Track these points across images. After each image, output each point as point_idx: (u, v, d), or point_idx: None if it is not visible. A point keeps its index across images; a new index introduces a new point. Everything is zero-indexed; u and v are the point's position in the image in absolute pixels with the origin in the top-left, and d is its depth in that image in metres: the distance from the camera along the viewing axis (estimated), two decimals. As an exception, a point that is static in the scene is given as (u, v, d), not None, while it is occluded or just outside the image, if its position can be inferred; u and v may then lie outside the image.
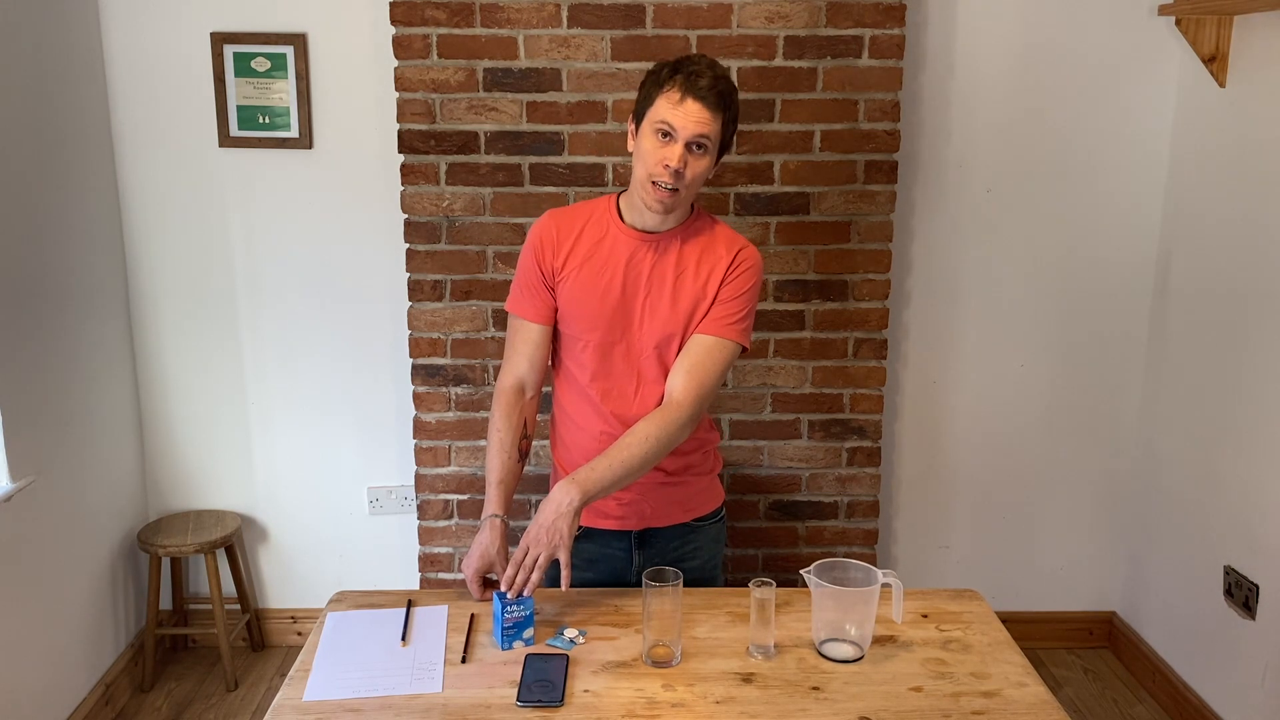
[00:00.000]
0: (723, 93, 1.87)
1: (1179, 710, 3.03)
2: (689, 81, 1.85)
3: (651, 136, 1.88)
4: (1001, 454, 3.31)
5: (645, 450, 1.90)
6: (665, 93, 1.87)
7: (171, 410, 3.24)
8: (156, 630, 3.15)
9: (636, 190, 1.94)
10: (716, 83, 1.86)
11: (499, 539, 1.95)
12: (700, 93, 1.85)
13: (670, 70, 1.88)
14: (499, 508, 1.99)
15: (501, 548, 1.95)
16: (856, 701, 1.69)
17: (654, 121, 1.88)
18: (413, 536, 3.19)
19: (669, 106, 1.86)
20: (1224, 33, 2.80)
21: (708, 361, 1.96)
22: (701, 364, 1.96)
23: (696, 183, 1.91)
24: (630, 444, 1.91)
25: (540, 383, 2.10)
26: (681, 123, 1.85)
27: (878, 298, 2.99)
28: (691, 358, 1.97)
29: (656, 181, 1.89)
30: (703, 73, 1.86)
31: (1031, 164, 3.11)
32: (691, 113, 1.85)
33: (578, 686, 1.72)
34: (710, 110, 1.86)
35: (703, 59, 1.90)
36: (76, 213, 2.89)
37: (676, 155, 1.86)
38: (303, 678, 1.75)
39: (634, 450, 1.90)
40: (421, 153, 2.88)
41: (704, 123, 1.86)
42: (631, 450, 1.90)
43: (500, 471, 2.01)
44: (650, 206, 1.93)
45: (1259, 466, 2.69)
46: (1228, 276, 2.83)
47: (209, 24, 2.99)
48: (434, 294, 2.96)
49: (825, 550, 3.09)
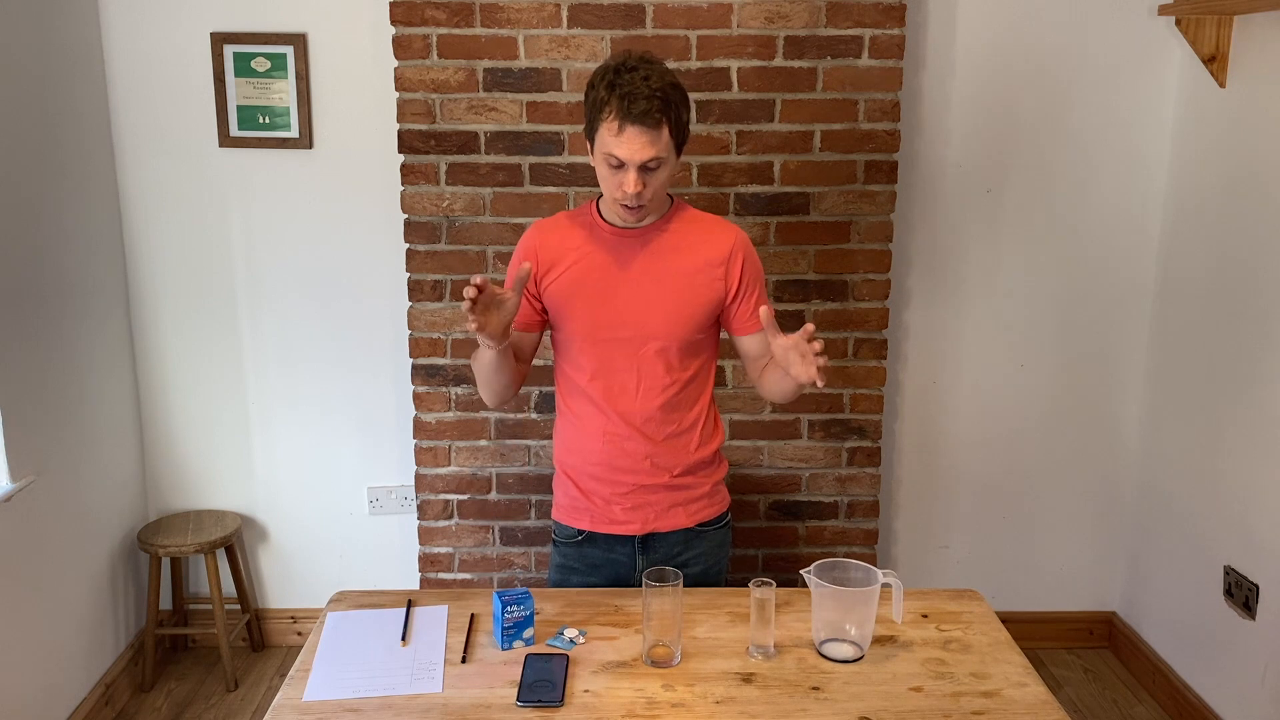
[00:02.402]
0: (664, 103, 1.81)
1: (1179, 710, 3.03)
2: (625, 107, 1.79)
3: (603, 164, 1.88)
4: (1001, 454, 3.31)
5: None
6: (605, 122, 1.83)
7: (171, 410, 3.24)
8: (156, 630, 3.15)
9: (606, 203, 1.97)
10: (652, 100, 1.80)
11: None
12: (638, 118, 1.79)
13: (607, 89, 1.82)
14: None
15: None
16: (856, 701, 1.69)
17: (601, 151, 1.86)
18: (413, 536, 3.19)
19: (610, 138, 1.83)
20: (1224, 33, 2.80)
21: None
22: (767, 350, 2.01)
23: (661, 190, 1.92)
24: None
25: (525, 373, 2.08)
26: (627, 153, 1.83)
27: (878, 298, 2.99)
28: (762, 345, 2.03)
29: (622, 203, 1.90)
30: (638, 91, 1.79)
31: (1031, 164, 3.11)
32: (633, 139, 1.81)
33: (578, 686, 1.72)
34: (653, 130, 1.81)
35: (637, 68, 1.83)
36: (76, 213, 2.89)
37: (631, 181, 1.85)
38: (303, 678, 1.75)
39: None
40: (421, 153, 2.88)
41: (648, 145, 1.82)
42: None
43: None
44: (623, 219, 1.95)
45: (1259, 466, 2.69)
46: (1228, 276, 2.83)
47: (209, 24, 2.99)
48: (434, 294, 2.96)
49: (825, 550, 3.09)
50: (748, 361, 2.12)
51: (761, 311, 1.83)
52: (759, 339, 2.06)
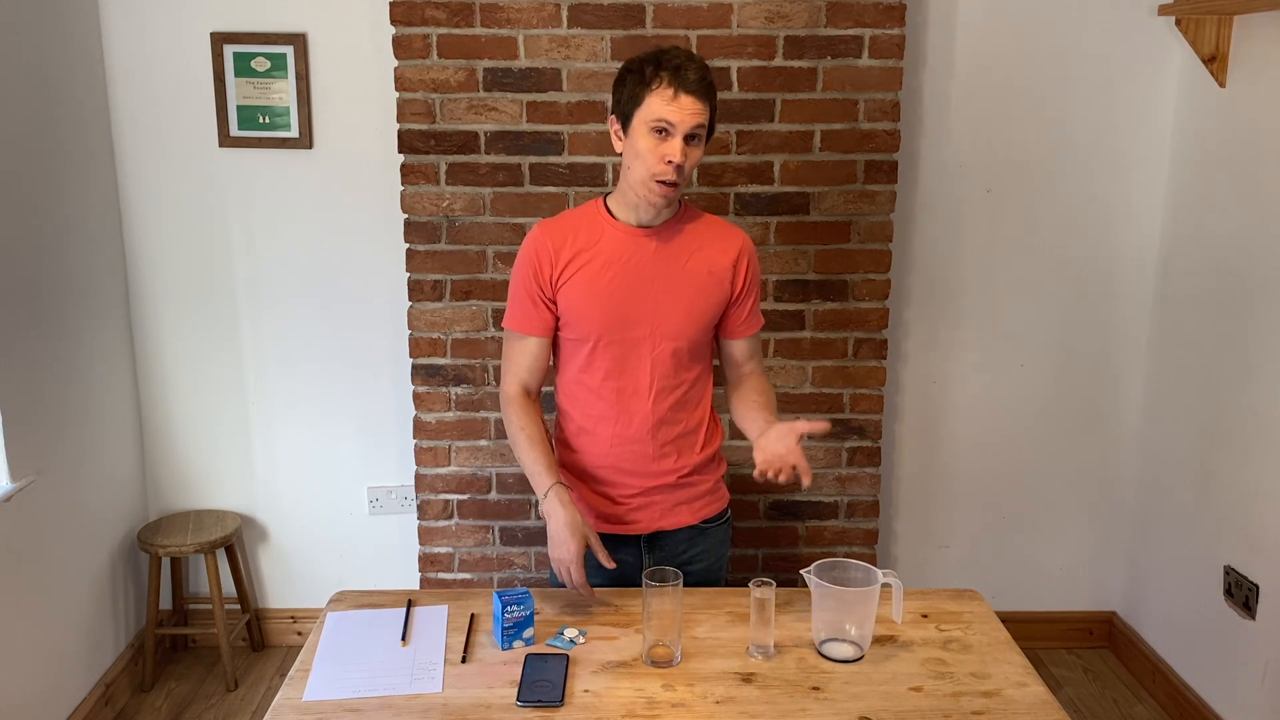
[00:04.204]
0: (709, 82, 1.93)
1: (1179, 710, 3.03)
2: (678, 76, 1.88)
3: (647, 135, 1.90)
4: (1001, 454, 3.31)
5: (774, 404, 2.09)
6: (656, 90, 1.89)
7: (171, 410, 3.24)
8: (156, 630, 3.15)
9: (634, 188, 1.95)
10: (703, 73, 1.91)
11: (575, 508, 1.95)
12: (691, 86, 1.88)
13: (654, 67, 1.90)
14: (559, 476, 2.00)
15: (582, 517, 1.95)
16: (856, 701, 1.69)
17: (649, 120, 1.89)
18: (413, 536, 3.19)
19: (663, 104, 1.88)
20: (1224, 33, 2.80)
21: (758, 346, 2.18)
22: (757, 351, 2.17)
23: (690, 172, 1.97)
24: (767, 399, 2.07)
25: (540, 387, 2.12)
26: (679, 117, 1.88)
27: (878, 298, 2.99)
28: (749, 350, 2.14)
29: (660, 179, 1.91)
30: (687, 65, 1.89)
31: (1032, 164, 3.11)
32: (687, 106, 1.88)
33: (578, 686, 1.72)
34: (702, 101, 1.90)
35: (679, 51, 1.93)
36: (76, 213, 2.89)
37: (678, 150, 1.89)
38: (303, 678, 1.75)
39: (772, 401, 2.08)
40: (421, 153, 2.88)
41: (698, 113, 1.89)
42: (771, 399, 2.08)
43: (545, 459, 2.01)
44: (654, 203, 1.95)
45: (1259, 466, 2.70)
46: (1228, 276, 2.83)
47: (209, 24, 2.99)
48: (434, 294, 2.96)
49: (825, 550, 3.09)
50: (728, 365, 2.17)
51: (817, 426, 1.91)
52: (745, 344, 2.14)
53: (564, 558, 1.91)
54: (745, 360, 2.14)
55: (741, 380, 2.14)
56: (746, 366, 2.15)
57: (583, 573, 1.91)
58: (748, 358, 2.14)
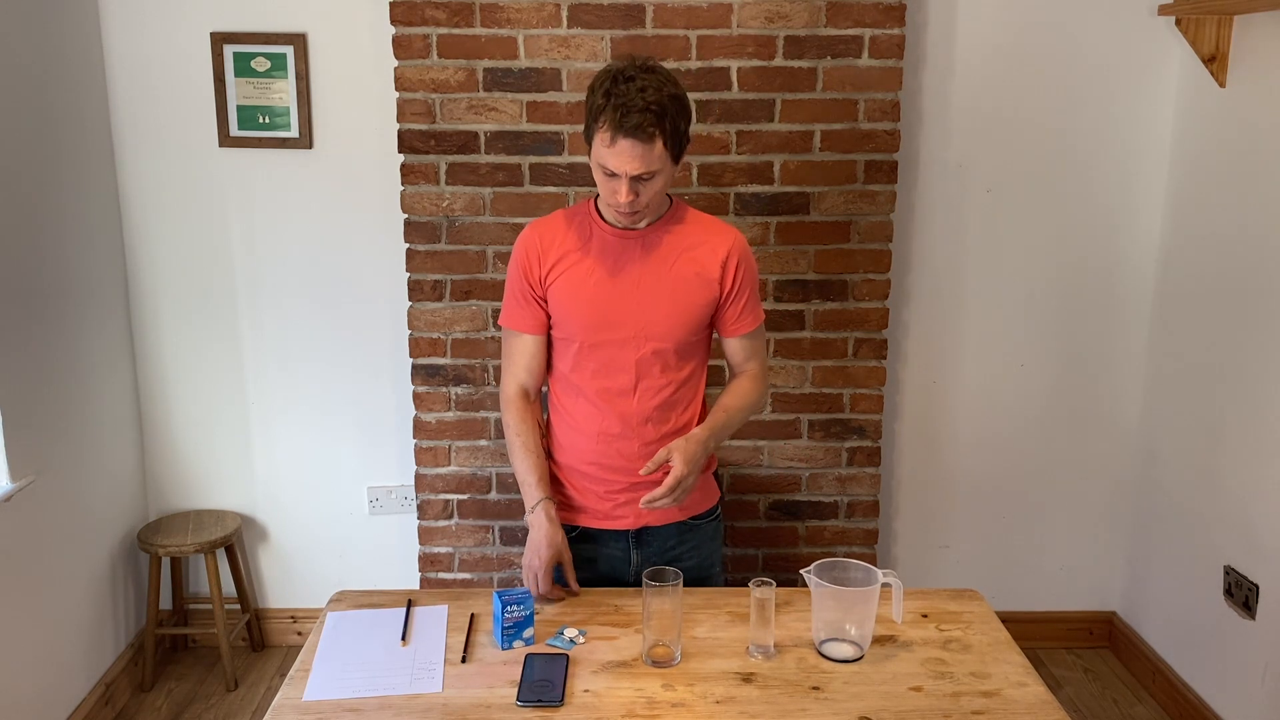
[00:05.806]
0: (658, 116, 1.80)
1: (1179, 710, 3.03)
2: (618, 119, 1.79)
3: (598, 169, 1.89)
4: (1001, 454, 3.31)
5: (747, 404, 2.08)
6: (599, 131, 1.83)
7: (171, 410, 3.24)
8: (156, 630, 3.15)
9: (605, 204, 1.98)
10: (646, 113, 1.78)
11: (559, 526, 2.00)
12: (630, 131, 1.79)
13: (604, 97, 1.81)
14: (547, 491, 2.03)
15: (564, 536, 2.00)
16: (856, 701, 1.69)
17: (596, 158, 1.88)
18: (413, 536, 3.19)
19: (603, 148, 1.83)
20: (1224, 33, 2.80)
21: (759, 345, 2.14)
22: (758, 350, 2.14)
23: (657, 196, 1.92)
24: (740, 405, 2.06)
25: (540, 386, 2.13)
26: (618, 164, 1.83)
27: (878, 298, 2.99)
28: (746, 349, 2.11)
29: (618, 210, 1.92)
30: (633, 103, 1.78)
31: (1031, 164, 3.11)
32: (624, 152, 1.81)
33: (578, 686, 1.72)
34: (645, 144, 1.80)
35: (634, 78, 1.81)
36: (76, 213, 2.89)
37: (624, 191, 1.86)
38: (303, 678, 1.75)
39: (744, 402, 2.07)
40: (421, 153, 2.88)
41: (639, 159, 1.82)
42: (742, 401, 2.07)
43: (538, 471, 2.05)
44: (620, 223, 1.97)
45: (1259, 466, 2.69)
46: (1228, 276, 2.83)
47: (209, 24, 2.99)
48: (434, 294, 2.96)
49: (825, 550, 3.09)
50: (728, 363, 2.17)
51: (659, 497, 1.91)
52: (744, 342, 2.11)
53: (534, 565, 1.98)
54: (744, 359, 2.13)
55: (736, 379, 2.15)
56: (746, 365, 2.13)
57: (549, 581, 1.97)
58: (747, 356, 2.13)
